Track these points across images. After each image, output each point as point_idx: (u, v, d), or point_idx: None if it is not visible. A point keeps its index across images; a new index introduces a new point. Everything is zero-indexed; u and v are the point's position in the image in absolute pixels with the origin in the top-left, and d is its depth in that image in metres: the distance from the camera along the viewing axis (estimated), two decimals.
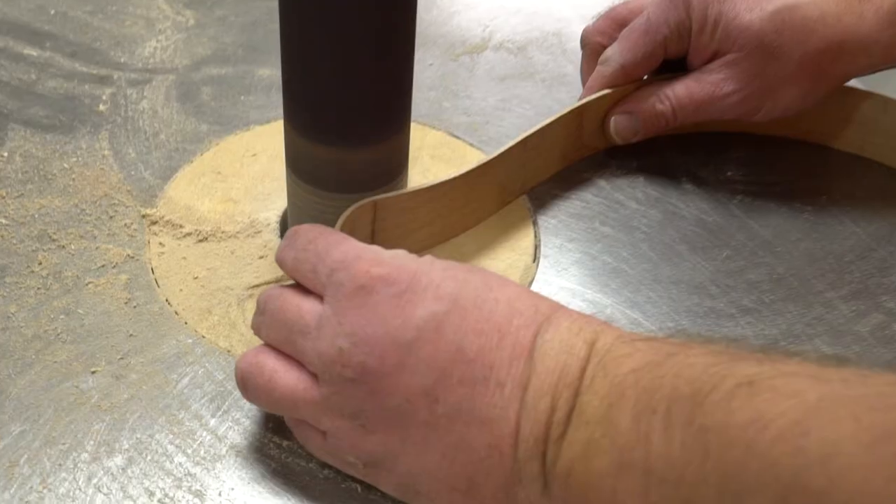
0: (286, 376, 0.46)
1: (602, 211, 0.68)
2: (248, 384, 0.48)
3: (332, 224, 0.54)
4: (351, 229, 0.56)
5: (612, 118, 0.69)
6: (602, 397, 0.40)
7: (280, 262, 0.49)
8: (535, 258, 0.65)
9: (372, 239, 0.59)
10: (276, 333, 0.48)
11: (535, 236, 0.66)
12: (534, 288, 0.63)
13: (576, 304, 0.61)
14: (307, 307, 0.47)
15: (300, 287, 0.48)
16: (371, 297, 0.44)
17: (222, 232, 0.64)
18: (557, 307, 0.46)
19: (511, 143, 0.64)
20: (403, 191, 0.58)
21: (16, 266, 0.60)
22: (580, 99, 0.69)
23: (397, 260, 0.46)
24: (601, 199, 0.69)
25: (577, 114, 0.68)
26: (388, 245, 0.59)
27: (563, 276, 0.63)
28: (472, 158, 0.70)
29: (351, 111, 0.54)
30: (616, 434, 0.39)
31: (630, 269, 0.64)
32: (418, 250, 0.58)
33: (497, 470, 0.43)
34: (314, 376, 0.46)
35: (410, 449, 0.44)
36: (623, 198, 0.69)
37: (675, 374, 0.38)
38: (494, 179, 0.64)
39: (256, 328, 0.49)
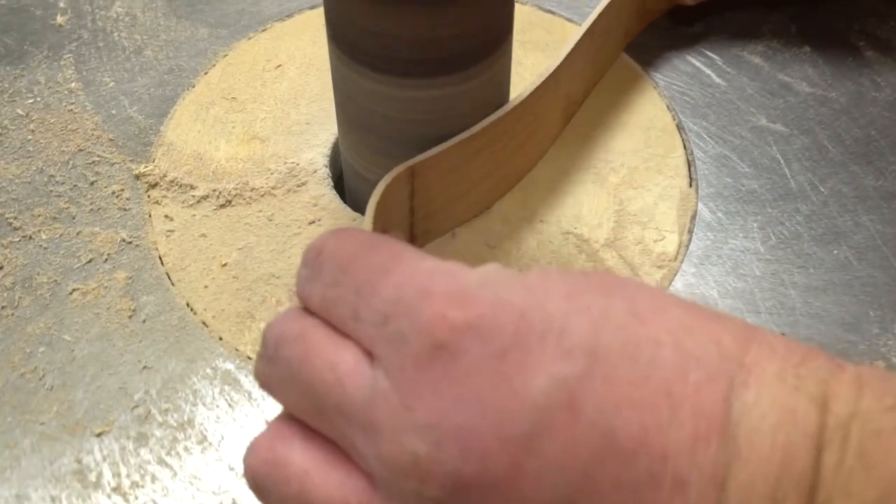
0: (326, 483, 0.29)
1: (755, 97, 0.48)
2: (267, 496, 0.30)
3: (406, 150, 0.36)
4: (385, 215, 0.37)
5: None
6: None
7: (303, 299, 0.31)
8: (691, 178, 0.45)
9: (412, 220, 0.40)
10: (299, 399, 0.30)
11: (683, 139, 0.47)
12: (703, 243, 0.44)
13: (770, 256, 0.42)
14: (347, 366, 0.29)
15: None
16: (456, 360, 0.27)
17: (251, 189, 0.45)
18: (749, 336, 0.28)
19: (577, 35, 0.44)
20: (448, 143, 0.39)
21: None
22: None
23: (489, 288, 0.28)
24: (734, 81, 0.49)
25: None
26: (431, 227, 0.41)
27: (732, 207, 0.44)
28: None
29: None
30: None
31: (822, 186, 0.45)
32: (472, 216, 0.43)
33: None
34: (369, 476, 0.28)
35: None
36: (787, 79, 0.49)
37: None
38: (561, 90, 0.44)
39: (264, 380, 0.31)
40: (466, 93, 0.38)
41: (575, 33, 0.44)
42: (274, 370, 0.30)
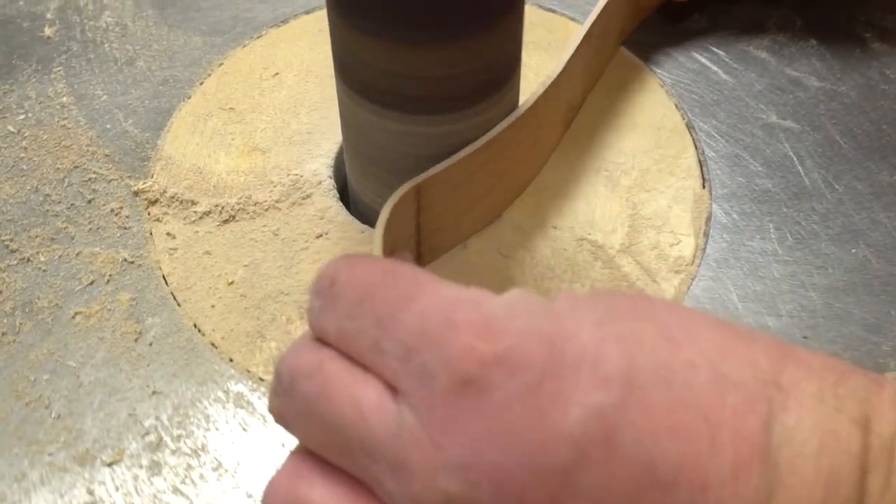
0: None
1: (764, 94, 0.48)
2: None
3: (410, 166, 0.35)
4: (392, 233, 0.36)
5: None
6: None
7: (317, 331, 0.29)
8: (704, 178, 0.45)
9: (418, 238, 0.39)
10: (319, 435, 0.29)
11: (693, 139, 0.46)
12: (719, 245, 0.43)
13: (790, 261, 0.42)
14: (370, 401, 0.27)
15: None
16: (486, 395, 0.26)
17: (255, 203, 0.43)
18: (783, 354, 0.28)
19: (576, 40, 0.43)
20: (451, 159, 0.38)
21: None
22: None
23: (516, 317, 0.27)
24: (740, 77, 0.48)
25: None
26: (437, 243, 0.40)
27: (744, 206, 0.43)
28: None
29: None
30: None
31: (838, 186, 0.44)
32: (478, 229, 0.42)
33: None
34: None
35: None
36: (795, 73, 0.48)
37: None
38: (562, 96, 0.43)
39: (280, 415, 0.30)
40: (476, 127, 0.38)
41: (574, 37, 0.43)
42: (290, 405, 0.29)
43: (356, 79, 0.36)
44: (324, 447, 0.28)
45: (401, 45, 0.34)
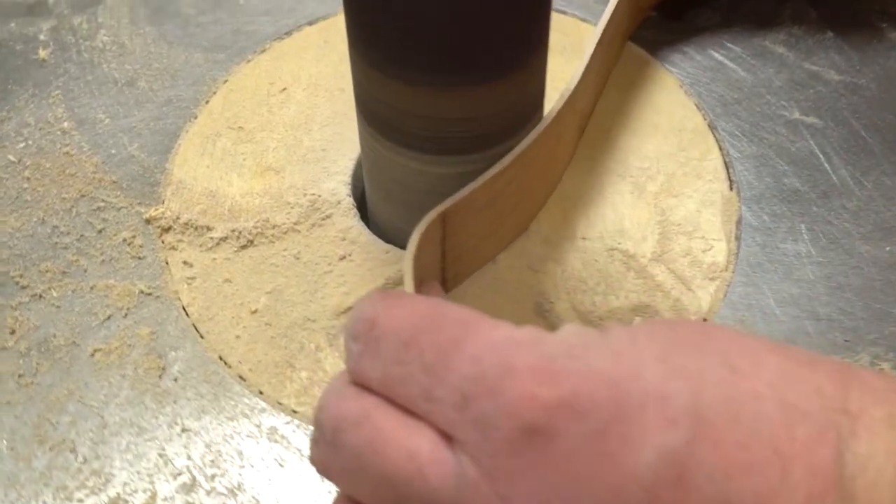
0: None
1: (783, 89, 0.47)
2: None
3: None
4: (419, 263, 0.35)
5: None
6: None
7: (357, 376, 0.28)
8: (731, 180, 0.44)
9: (443, 265, 0.38)
10: (372, 490, 0.27)
11: (717, 139, 0.45)
12: (752, 249, 0.42)
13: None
14: (426, 453, 0.26)
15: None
16: (553, 443, 0.25)
17: (273, 226, 0.42)
18: (845, 377, 0.27)
19: (589, 48, 0.41)
20: (476, 182, 0.37)
21: None
22: None
23: (575, 357, 0.26)
24: (758, 74, 0.47)
25: None
26: (460, 270, 0.39)
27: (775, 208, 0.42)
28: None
29: (473, 25, 0.32)
30: None
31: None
32: (501, 250, 0.41)
33: None
34: None
35: None
36: (814, 68, 0.48)
37: None
38: (577, 106, 0.42)
39: (325, 468, 0.28)
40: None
41: (588, 46, 0.42)
42: (337, 457, 0.27)
43: (377, 119, 0.36)
44: (375, 500, 0.27)
45: (427, 89, 0.33)
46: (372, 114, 0.36)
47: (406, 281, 0.33)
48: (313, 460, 0.29)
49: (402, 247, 0.41)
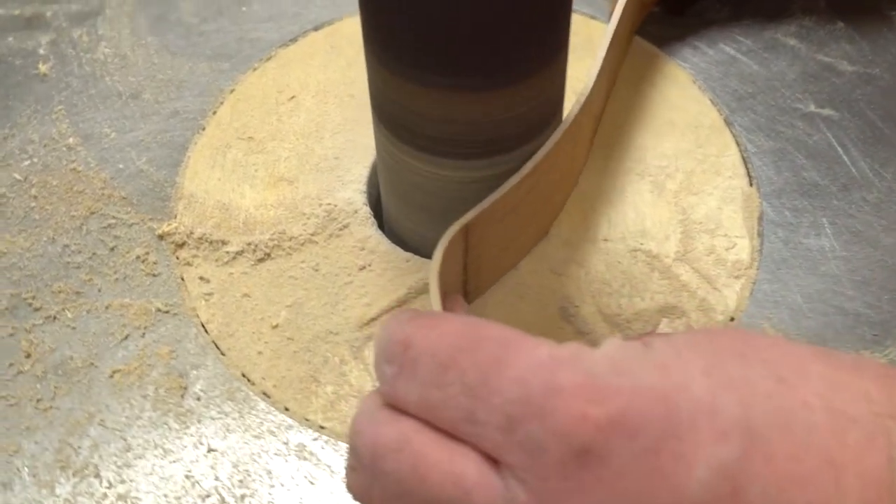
0: None
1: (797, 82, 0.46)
2: None
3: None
4: (443, 277, 0.34)
5: None
6: None
7: (393, 399, 0.27)
8: (750, 176, 0.43)
9: (465, 277, 0.38)
10: None
11: (733, 134, 0.44)
12: (775, 245, 0.42)
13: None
14: (472, 477, 0.25)
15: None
16: (605, 463, 0.24)
17: (290, 238, 0.41)
18: (889, 379, 0.27)
19: (602, 50, 0.41)
20: (496, 193, 0.36)
21: None
22: None
23: (622, 374, 0.25)
24: (770, 67, 0.47)
25: None
26: (481, 282, 0.39)
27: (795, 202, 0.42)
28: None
29: (491, 29, 0.31)
30: None
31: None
32: (521, 258, 0.40)
33: None
34: None
35: None
36: (826, 59, 0.47)
37: None
38: (593, 108, 0.42)
39: (364, 496, 0.28)
40: (515, 169, 0.36)
41: (600, 48, 0.41)
42: (376, 484, 0.27)
43: (394, 124, 0.35)
44: None
45: (441, 90, 0.33)
46: (388, 116, 0.35)
47: (433, 298, 0.33)
48: (351, 488, 0.28)
49: (423, 254, 0.40)
